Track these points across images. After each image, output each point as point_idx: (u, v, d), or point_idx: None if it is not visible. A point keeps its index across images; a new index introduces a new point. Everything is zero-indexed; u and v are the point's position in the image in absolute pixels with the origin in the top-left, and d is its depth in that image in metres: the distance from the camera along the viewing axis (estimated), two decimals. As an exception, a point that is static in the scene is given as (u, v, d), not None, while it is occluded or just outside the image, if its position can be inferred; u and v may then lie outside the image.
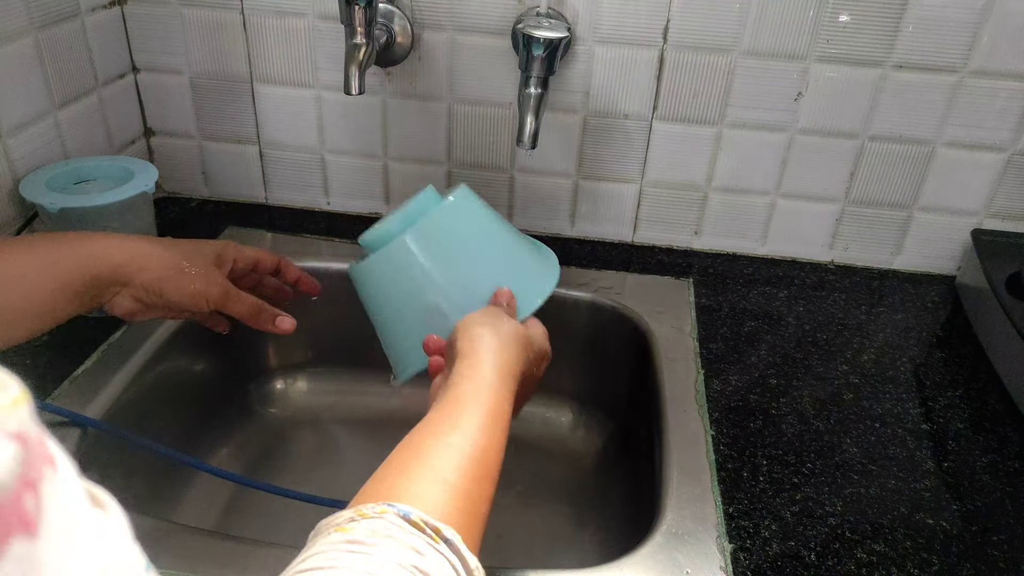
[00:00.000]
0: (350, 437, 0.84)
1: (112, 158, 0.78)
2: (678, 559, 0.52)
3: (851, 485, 0.60)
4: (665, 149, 0.85)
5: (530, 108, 0.73)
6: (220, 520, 0.72)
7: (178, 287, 0.54)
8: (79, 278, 0.50)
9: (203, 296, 0.56)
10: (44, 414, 0.61)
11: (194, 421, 0.76)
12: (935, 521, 0.57)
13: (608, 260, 0.88)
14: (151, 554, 0.22)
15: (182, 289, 0.54)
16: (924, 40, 0.76)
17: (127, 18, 0.85)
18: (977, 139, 0.81)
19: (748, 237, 0.89)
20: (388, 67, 0.83)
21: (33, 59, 0.73)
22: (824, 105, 0.80)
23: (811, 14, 0.76)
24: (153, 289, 0.53)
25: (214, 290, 0.56)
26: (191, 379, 0.76)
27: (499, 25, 0.80)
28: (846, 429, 0.65)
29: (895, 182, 0.84)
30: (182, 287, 0.54)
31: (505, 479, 0.80)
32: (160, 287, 0.53)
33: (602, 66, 0.81)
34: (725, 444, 0.63)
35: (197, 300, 0.56)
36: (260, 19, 0.83)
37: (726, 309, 0.80)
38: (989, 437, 0.66)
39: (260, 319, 0.59)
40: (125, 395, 0.65)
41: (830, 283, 0.86)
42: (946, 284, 0.87)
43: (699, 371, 0.71)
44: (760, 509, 0.57)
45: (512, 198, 0.90)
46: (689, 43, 0.79)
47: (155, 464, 0.67)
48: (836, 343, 0.76)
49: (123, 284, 0.52)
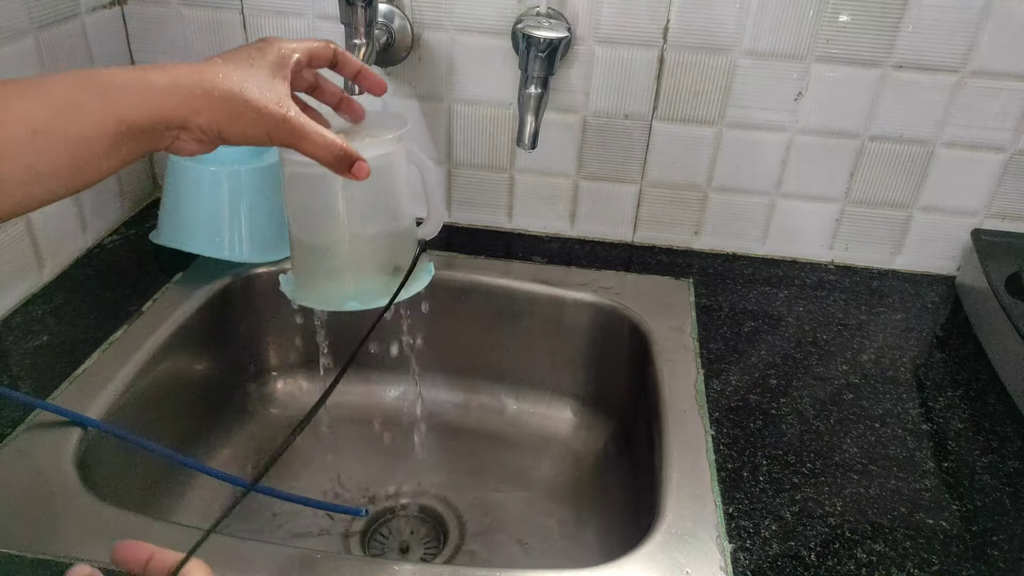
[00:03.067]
0: (350, 437, 0.84)
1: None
2: (678, 559, 0.52)
3: (851, 485, 0.60)
4: (665, 149, 0.85)
5: (530, 108, 0.73)
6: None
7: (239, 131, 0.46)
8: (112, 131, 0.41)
9: (267, 136, 0.47)
10: (44, 414, 0.61)
11: (194, 421, 0.77)
12: (935, 521, 0.57)
13: (608, 260, 0.88)
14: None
15: (243, 132, 0.46)
16: (924, 40, 0.76)
17: (127, 18, 0.85)
18: (977, 139, 0.81)
19: (748, 237, 0.90)
20: (388, 67, 0.83)
21: (33, 59, 0.73)
22: (824, 105, 0.80)
23: (811, 14, 0.76)
24: (212, 132, 0.45)
25: (280, 130, 0.46)
26: (191, 379, 0.76)
27: (499, 25, 0.80)
28: (846, 429, 0.65)
29: (895, 182, 0.84)
30: (243, 130, 0.46)
31: (505, 479, 0.80)
32: (219, 130, 0.45)
33: (602, 66, 0.81)
34: (725, 444, 0.63)
35: (260, 140, 0.47)
36: (260, 19, 0.83)
37: (726, 309, 0.81)
38: (989, 437, 0.66)
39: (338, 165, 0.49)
40: (125, 395, 0.65)
41: (830, 283, 0.86)
42: (946, 284, 0.87)
43: (699, 371, 0.71)
44: (760, 509, 0.57)
45: (512, 198, 0.90)
46: (689, 43, 0.79)
47: (155, 464, 0.67)
48: (836, 343, 0.76)
49: (180, 128, 0.44)
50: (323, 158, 0.48)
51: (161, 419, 0.70)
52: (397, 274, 0.56)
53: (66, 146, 0.40)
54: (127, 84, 0.42)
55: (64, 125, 0.39)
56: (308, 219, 0.55)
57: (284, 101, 0.47)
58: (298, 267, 0.58)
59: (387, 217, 0.56)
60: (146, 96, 0.42)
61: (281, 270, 0.82)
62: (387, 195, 0.55)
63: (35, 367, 0.66)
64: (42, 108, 0.39)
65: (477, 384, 0.87)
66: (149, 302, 0.75)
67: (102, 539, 0.51)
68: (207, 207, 0.79)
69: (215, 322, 0.79)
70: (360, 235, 0.55)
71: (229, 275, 0.80)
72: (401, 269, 0.56)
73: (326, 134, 0.47)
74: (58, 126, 0.39)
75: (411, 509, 0.77)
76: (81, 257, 0.82)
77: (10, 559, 0.50)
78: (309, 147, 0.47)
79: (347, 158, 0.48)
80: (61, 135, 0.39)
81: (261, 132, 0.46)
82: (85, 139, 0.40)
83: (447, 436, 0.84)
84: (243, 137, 0.46)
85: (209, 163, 0.78)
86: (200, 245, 0.79)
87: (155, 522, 0.54)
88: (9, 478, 0.55)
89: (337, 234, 0.55)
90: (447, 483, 0.79)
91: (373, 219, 0.55)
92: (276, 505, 0.61)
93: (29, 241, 0.74)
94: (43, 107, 0.39)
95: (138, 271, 0.80)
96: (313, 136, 0.47)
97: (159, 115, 0.43)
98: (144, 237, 0.86)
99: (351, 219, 0.54)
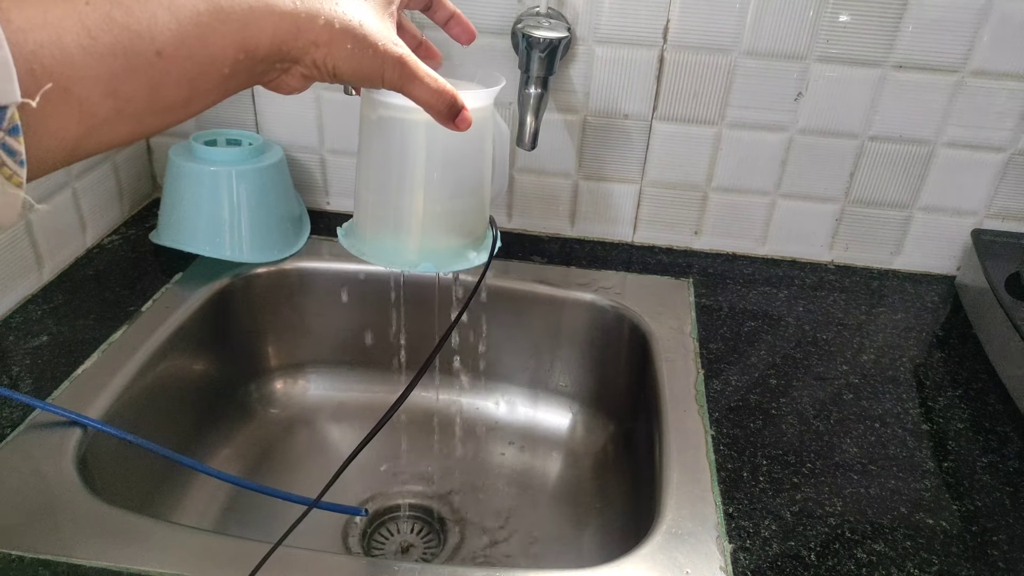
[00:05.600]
0: (350, 437, 0.84)
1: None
2: (678, 559, 0.52)
3: (851, 485, 0.60)
4: (665, 149, 0.85)
5: (530, 108, 0.73)
6: (220, 520, 0.72)
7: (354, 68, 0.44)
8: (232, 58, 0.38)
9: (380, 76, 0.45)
10: (44, 414, 0.61)
11: (194, 421, 0.77)
12: (935, 521, 0.57)
13: (608, 260, 0.88)
14: (151, 554, 0.22)
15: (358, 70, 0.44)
16: (924, 40, 0.76)
17: (127, 18, 0.85)
18: (977, 139, 0.81)
19: (748, 237, 0.90)
20: (388, 67, 0.83)
21: (33, 59, 0.72)
22: (824, 105, 0.80)
23: (811, 14, 0.76)
24: (326, 68, 0.43)
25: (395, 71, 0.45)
26: (191, 379, 0.76)
27: (499, 25, 0.80)
28: (846, 429, 0.65)
29: (895, 182, 0.84)
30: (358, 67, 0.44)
31: (505, 479, 0.80)
32: (334, 65, 0.43)
33: (602, 66, 0.81)
34: (725, 444, 0.63)
35: (373, 80, 0.45)
36: (260, 19, 0.83)
37: (726, 309, 0.81)
38: (989, 437, 0.66)
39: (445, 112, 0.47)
40: (125, 395, 0.65)
41: (830, 283, 0.86)
42: (946, 284, 0.87)
43: (699, 371, 0.71)
44: (760, 509, 0.57)
45: (512, 198, 0.90)
46: (689, 43, 0.79)
47: (155, 464, 0.67)
48: (836, 343, 0.76)
49: (293, 61, 0.42)
50: (433, 103, 0.46)
51: (161, 419, 0.70)
52: (470, 238, 0.53)
53: (188, 72, 0.36)
54: (252, 6, 0.38)
55: (189, 48, 0.36)
56: (387, 170, 0.51)
57: (398, 41, 0.45)
58: (364, 221, 0.53)
59: (473, 177, 0.53)
60: (270, 20, 0.39)
61: (281, 270, 0.82)
62: (477, 154, 0.52)
63: (35, 367, 0.66)
64: (168, 28, 0.35)
65: (477, 384, 0.87)
66: (149, 302, 0.75)
67: (102, 539, 0.51)
68: (207, 207, 0.79)
69: (215, 322, 0.79)
70: (439, 193, 0.52)
71: (229, 275, 0.80)
72: (473, 234, 0.53)
73: (439, 78, 0.45)
74: (182, 51, 0.36)
75: (411, 509, 0.77)
76: (81, 257, 0.82)
77: (10, 559, 0.50)
78: (421, 91, 0.45)
79: (456, 105, 0.46)
80: (185, 58, 0.36)
81: (376, 70, 0.44)
82: (208, 64, 0.37)
83: (447, 436, 0.85)
84: (356, 74, 0.44)
85: (209, 163, 0.78)
86: (200, 245, 0.79)
87: (155, 522, 0.54)
88: (9, 478, 0.55)
89: (420, 189, 0.51)
90: (447, 483, 0.79)
91: (456, 178, 0.52)
92: (276, 505, 0.61)
93: (29, 241, 0.74)
94: (169, 26, 0.35)
95: (138, 271, 0.80)
96: (427, 79, 0.45)
97: (279, 44, 0.40)
98: (144, 237, 0.86)
99: (434, 174, 0.51)
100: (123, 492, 0.63)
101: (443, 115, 0.46)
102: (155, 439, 0.63)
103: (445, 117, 0.46)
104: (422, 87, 0.45)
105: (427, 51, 0.54)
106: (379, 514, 0.76)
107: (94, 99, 0.32)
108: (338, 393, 0.87)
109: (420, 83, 0.45)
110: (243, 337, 0.83)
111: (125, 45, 0.33)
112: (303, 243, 0.85)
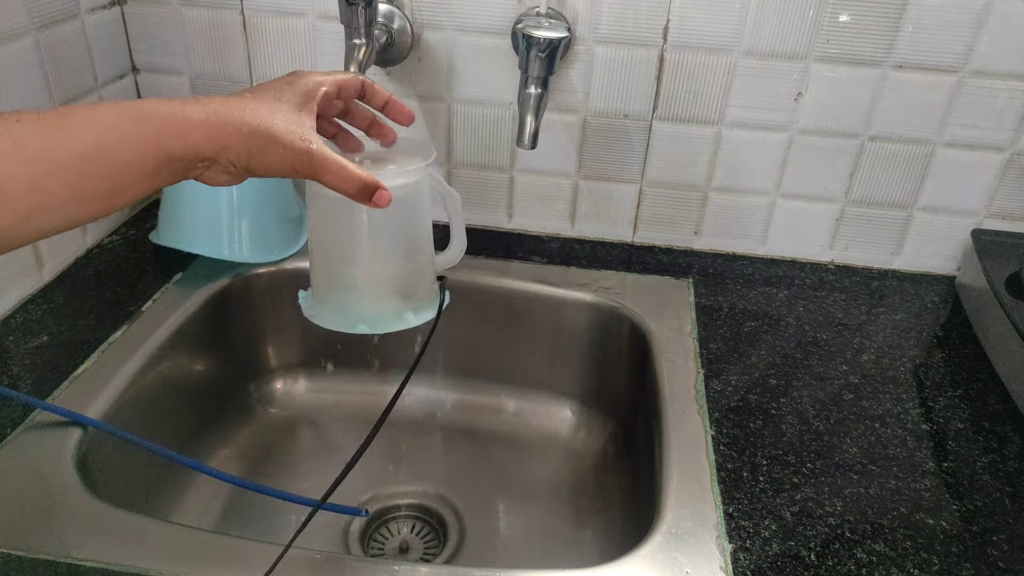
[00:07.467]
0: (350, 437, 0.84)
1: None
2: (678, 559, 0.52)
3: (851, 485, 0.60)
4: (665, 149, 0.85)
5: (530, 108, 0.73)
6: (220, 520, 0.72)
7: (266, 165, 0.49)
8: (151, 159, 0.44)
9: (291, 169, 0.50)
10: (44, 414, 0.61)
11: (194, 421, 0.77)
12: (935, 521, 0.57)
13: (608, 260, 0.88)
14: (151, 554, 0.22)
15: (270, 166, 0.49)
16: (924, 40, 0.76)
17: (127, 18, 0.85)
18: (977, 139, 0.81)
19: (748, 237, 0.90)
20: (388, 67, 0.83)
21: (33, 59, 0.73)
22: (824, 105, 0.80)
23: (811, 14, 0.76)
24: (240, 165, 0.48)
25: (302, 163, 0.49)
26: (191, 379, 0.76)
27: (499, 25, 0.80)
28: (846, 429, 0.65)
29: (895, 182, 0.84)
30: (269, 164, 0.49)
31: (505, 479, 0.80)
32: (246, 163, 0.48)
33: (602, 66, 0.81)
34: (725, 444, 0.63)
35: (286, 173, 0.50)
36: (260, 19, 0.83)
37: (726, 309, 0.81)
38: (989, 437, 0.66)
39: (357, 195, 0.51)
40: (125, 395, 0.65)
41: (830, 283, 0.86)
42: (946, 284, 0.87)
43: (699, 371, 0.71)
44: (760, 509, 0.57)
45: (512, 198, 0.90)
46: (689, 43, 0.79)
47: (155, 464, 0.67)
48: (836, 343, 0.76)
49: (211, 160, 0.47)
50: (344, 188, 0.50)
51: (161, 419, 0.70)
52: (409, 301, 0.57)
53: (109, 171, 0.42)
54: (168, 116, 0.45)
55: (108, 152, 0.42)
56: (329, 242, 0.56)
57: (308, 134, 0.49)
58: (316, 285, 0.58)
59: (407, 245, 0.57)
60: (183, 128, 0.45)
61: (281, 270, 0.82)
62: (408, 224, 0.56)
63: (35, 367, 0.66)
64: (89, 135, 0.41)
65: (477, 384, 0.87)
66: (149, 302, 0.75)
67: (102, 539, 0.51)
68: (207, 207, 0.79)
69: (215, 322, 0.79)
70: (378, 262, 0.56)
71: (229, 275, 0.80)
72: (413, 297, 0.57)
73: (347, 166, 0.49)
74: (103, 153, 0.42)
75: (411, 509, 0.77)
76: (81, 257, 0.82)
77: (10, 559, 0.50)
78: (330, 179, 0.49)
79: (367, 188, 0.50)
80: (105, 161, 0.42)
81: (286, 165, 0.48)
82: (128, 165, 0.43)
83: (447, 436, 0.85)
84: (269, 170, 0.49)
85: (209, 163, 0.78)
86: (200, 245, 0.79)
87: (155, 522, 0.54)
88: (9, 478, 0.55)
89: (356, 259, 0.56)
90: (447, 483, 0.79)
91: (393, 247, 0.56)
92: (276, 505, 0.61)
93: (29, 241, 0.74)
94: (90, 134, 0.41)
95: (138, 271, 0.80)
96: (333, 168, 0.49)
97: (193, 147, 0.45)
98: (144, 237, 0.86)
99: (371, 245, 0.55)
100: (123, 492, 0.62)
101: (358, 197, 0.50)
102: (155, 439, 0.63)
103: (361, 199, 0.50)
104: (330, 175, 0.49)
105: (379, 130, 0.58)
106: (379, 514, 0.76)
107: (19, 195, 0.38)
108: (338, 393, 0.87)
109: (328, 172, 0.49)
110: (243, 337, 0.83)
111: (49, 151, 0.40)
112: (302, 243, 0.85)
